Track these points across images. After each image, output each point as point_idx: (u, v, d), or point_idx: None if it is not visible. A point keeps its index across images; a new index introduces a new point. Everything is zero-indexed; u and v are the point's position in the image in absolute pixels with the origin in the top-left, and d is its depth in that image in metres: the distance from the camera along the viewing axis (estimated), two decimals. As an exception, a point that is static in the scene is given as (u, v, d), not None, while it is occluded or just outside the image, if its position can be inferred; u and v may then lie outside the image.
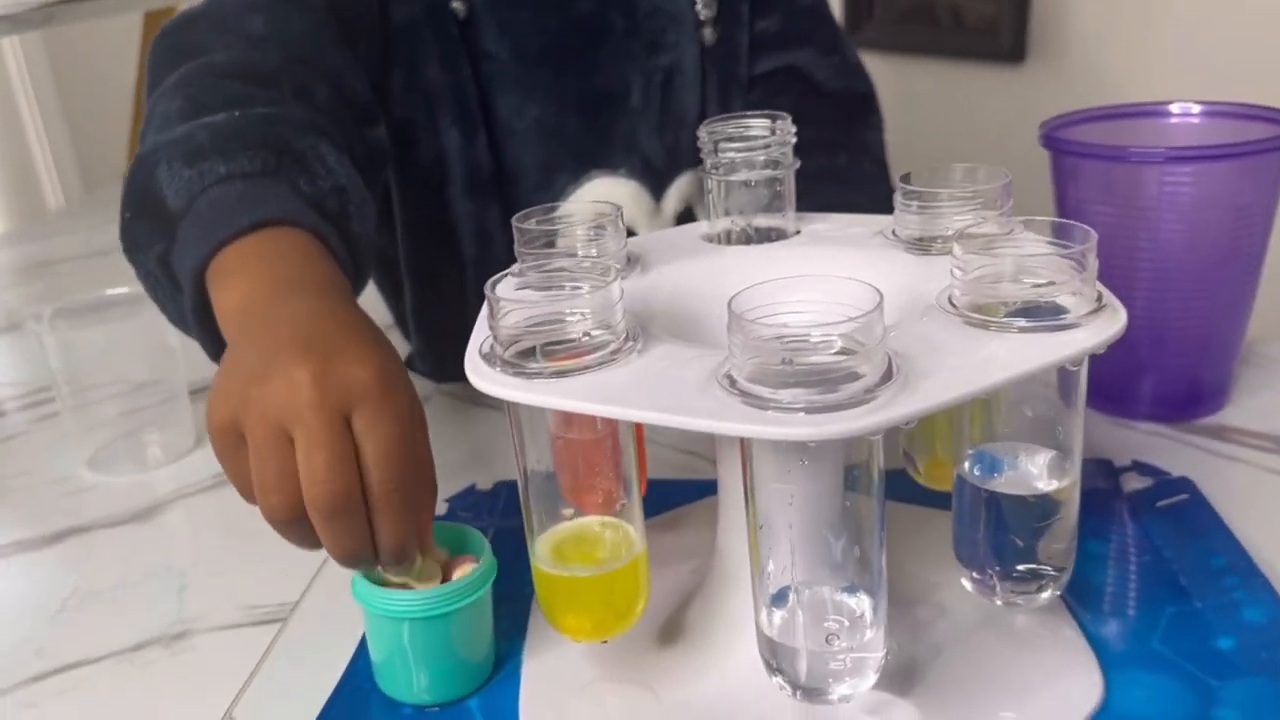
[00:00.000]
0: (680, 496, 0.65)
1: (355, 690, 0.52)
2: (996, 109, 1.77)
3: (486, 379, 0.43)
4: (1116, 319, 0.43)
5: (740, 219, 0.57)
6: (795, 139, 0.56)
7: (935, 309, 0.45)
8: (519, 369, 0.43)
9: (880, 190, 0.93)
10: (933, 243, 0.52)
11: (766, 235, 0.57)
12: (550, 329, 0.43)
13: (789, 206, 0.57)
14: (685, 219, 0.90)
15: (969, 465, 0.48)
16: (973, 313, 0.43)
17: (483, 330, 0.46)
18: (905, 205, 0.52)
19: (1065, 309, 0.43)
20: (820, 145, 0.89)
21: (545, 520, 0.47)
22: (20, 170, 2.63)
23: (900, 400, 0.38)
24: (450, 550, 0.53)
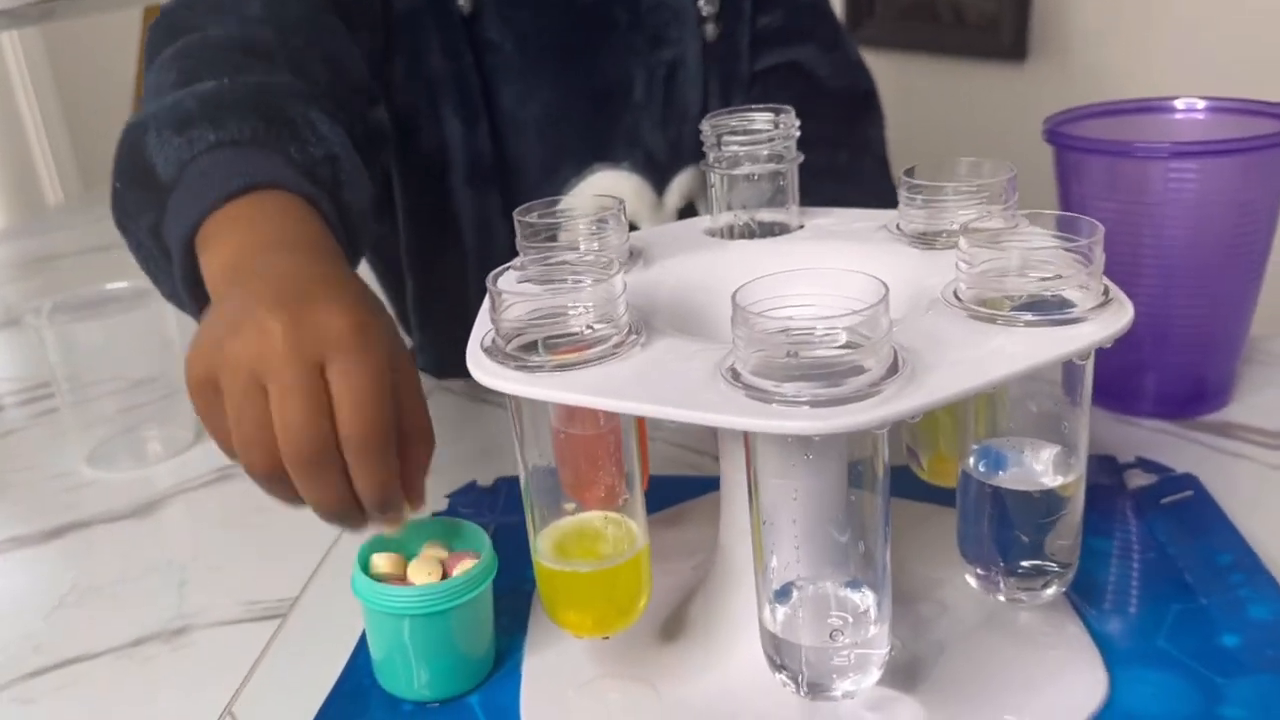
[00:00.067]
0: (682, 492, 0.65)
1: (355, 686, 0.52)
2: (997, 107, 1.77)
3: (488, 372, 0.43)
4: (1123, 313, 0.42)
5: (743, 213, 0.56)
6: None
7: (940, 303, 0.44)
8: (521, 362, 0.43)
9: (882, 187, 0.93)
10: (937, 237, 0.52)
11: (769, 230, 0.56)
12: (552, 322, 0.43)
13: (792, 201, 0.56)
14: (687, 214, 0.90)
15: (974, 461, 0.48)
16: (978, 306, 0.43)
17: (484, 323, 0.46)
18: (910, 199, 0.52)
19: (1072, 303, 0.42)
20: (821, 142, 0.88)
21: (547, 515, 0.47)
22: (19, 166, 2.63)
23: (906, 394, 0.37)
24: (451, 546, 0.52)
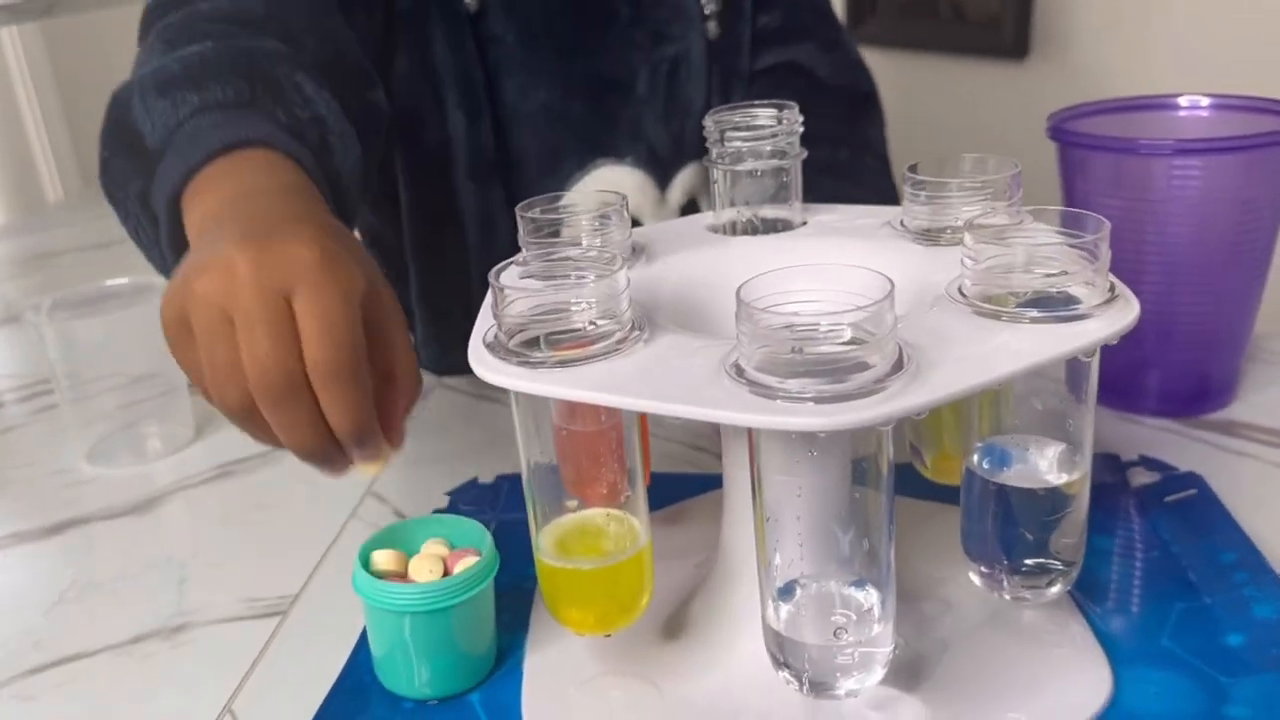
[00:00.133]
0: (684, 490, 0.65)
1: (356, 684, 0.52)
2: (999, 105, 1.77)
3: (490, 368, 0.43)
4: (1129, 310, 0.42)
5: (746, 209, 0.56)
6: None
7: (945, 299, 0.44)
8: (523, 358, 0.42)
9: (883, 185, 0.93)
10: (941, 233, 0.51)
11: (773, 226, 0.56)
12: (555, 318, 0.42)
13: (795, 197, 0.56)
14: (690, 210, 0.90)
15: (978, 458, 0.47)
16: (983, 303, 0.43)
17: (486, 319, 0.46)
18: (914, 195, 0.52)
19: (1077, 299, 0.42)
20: (822, 139, 0.88)
21: (549, 512, 0.47)
22: (19, 162, 2.62)
23: (911, 390, 0.37)
24: (452, 544, 0.52)
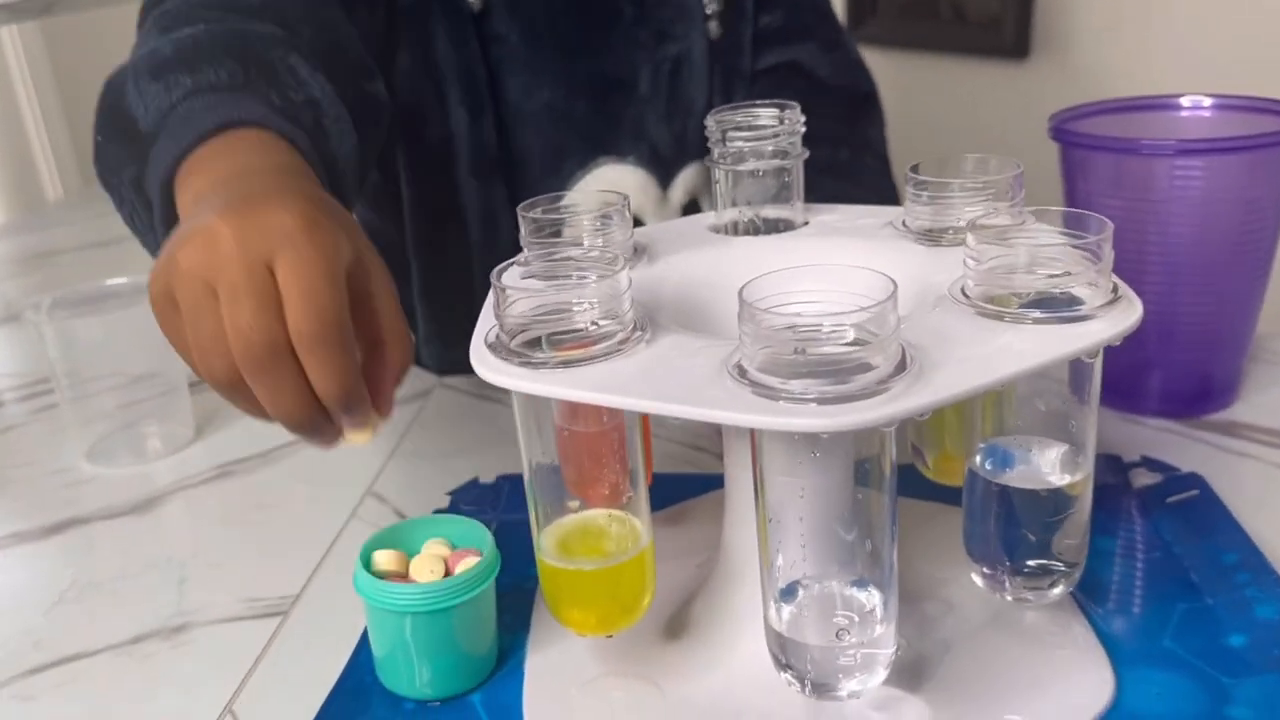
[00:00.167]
0: (686, 490, 0.65)
1: (357, 684, 0.52)
2: (1000, 105, 1.77)
3: (492, 368, 0.43)
4: (1132, 310, 0.42)
5: (748, 209, 0.56)
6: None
7: (948, 300, 0.44)
8: (525, 359, 0.42)
9: (883, 185, 0.93)
10: (943, 234, 0.51)
11: (774, 226, 0.56)
12: (557, 318, 0.42)
13: (797, 197, 0.56)
14: (691, 210, 0.90)
15: (980, 459, 0.47)
16: (986, 304, 0.43)
17: (488, 319, 0.46)
18: (916, 196, 0.52)
19: (1080, 300, 0.42)
20: (822, 140, 0.88)
21: (550, 513, 0.46)
22: (19, 161, 2.62)
23: (914, 391, 0.37)
24: (453, 544, 0.52)
